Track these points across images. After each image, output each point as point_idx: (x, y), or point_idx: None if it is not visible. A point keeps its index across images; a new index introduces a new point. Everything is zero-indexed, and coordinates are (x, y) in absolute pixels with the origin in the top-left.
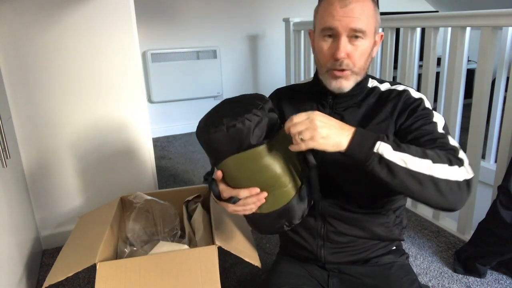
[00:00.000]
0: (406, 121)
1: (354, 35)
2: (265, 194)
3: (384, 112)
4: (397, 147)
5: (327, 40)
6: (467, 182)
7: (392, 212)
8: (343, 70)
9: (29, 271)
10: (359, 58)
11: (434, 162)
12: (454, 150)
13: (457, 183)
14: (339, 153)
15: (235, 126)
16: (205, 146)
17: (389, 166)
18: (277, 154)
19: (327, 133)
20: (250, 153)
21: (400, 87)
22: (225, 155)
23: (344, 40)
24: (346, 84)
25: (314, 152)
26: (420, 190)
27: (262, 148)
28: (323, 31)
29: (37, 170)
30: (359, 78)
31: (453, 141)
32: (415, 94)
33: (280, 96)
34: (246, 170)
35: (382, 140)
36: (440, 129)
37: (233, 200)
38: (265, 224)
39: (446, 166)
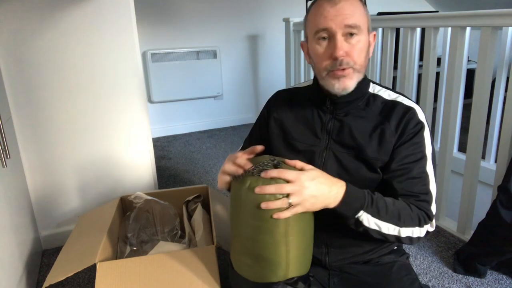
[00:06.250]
0: (401, 146)
1: (349, 32)
2: None
3: (389, 128)
4: (376, 214)
5: (322, 43)
6: (427, 233)
7: None
8: (344, 69)
9: (29, 271)
10: (359, 55)
11: (404, 226)
12: (428, 202)
13: (418, 238)
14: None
15: None
16: None
17: (365, 228)
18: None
19: (315, 201)
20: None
21: (406, 102)
22: None
23: (340, 39)
24: (350, 83)
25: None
26: (382, 239)
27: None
28: (317, 34)
29: (37, 170)
30: (361, 76)
31: (432, 184)
32: (418, 116)
33: (280, 100)
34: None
35: (366, 209)
36: (427, 167)
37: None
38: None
39: (416, 228)
